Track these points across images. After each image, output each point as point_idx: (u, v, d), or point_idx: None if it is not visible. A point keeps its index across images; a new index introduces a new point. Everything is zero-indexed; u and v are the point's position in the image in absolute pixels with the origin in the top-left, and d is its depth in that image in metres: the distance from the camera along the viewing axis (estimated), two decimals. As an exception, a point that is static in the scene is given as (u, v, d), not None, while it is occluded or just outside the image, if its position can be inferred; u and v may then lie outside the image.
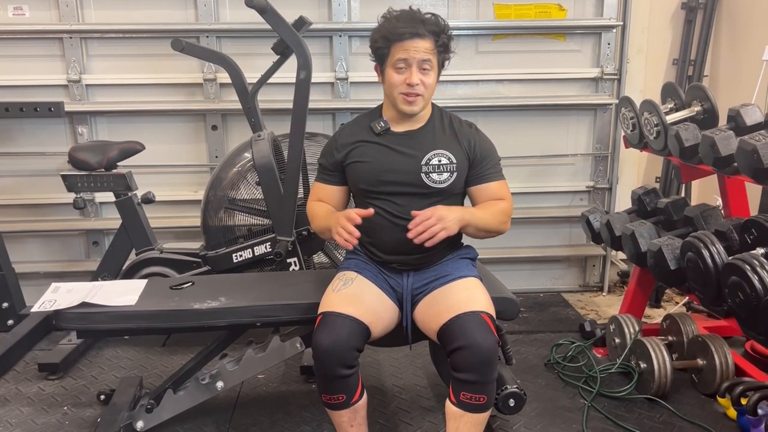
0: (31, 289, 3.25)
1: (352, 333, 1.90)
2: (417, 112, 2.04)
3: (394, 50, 1.98)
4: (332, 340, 1.87)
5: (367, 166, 2.08)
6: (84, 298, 2.15)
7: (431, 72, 2.00)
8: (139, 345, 3.10)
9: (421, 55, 1.96)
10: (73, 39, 3.38)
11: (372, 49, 2.05)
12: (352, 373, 1.92)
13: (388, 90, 2.04)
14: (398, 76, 1.99)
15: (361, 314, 1.95)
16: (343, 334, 1.88)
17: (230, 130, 3.56)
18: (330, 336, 1.88)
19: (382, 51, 2.01)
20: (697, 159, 2.62)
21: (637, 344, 2.65)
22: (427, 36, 1.97)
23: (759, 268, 2.05)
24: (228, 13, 3.45)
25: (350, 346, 1.89)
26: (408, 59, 1.96)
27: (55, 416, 2.52)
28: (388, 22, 2.01)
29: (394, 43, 1.97)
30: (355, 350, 1.91)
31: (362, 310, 1.96)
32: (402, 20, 1.98)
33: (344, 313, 1.93)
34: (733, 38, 3.68)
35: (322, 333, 1.90)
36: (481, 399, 1.88)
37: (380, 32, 2.01)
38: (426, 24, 1.98)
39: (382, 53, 2.01)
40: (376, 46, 2.03)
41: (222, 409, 2.55)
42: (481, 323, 1.88)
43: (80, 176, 2.94)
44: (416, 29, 1.95)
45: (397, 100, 2.02)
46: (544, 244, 3.83)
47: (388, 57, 2.00)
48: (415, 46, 1.95)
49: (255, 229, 3.00)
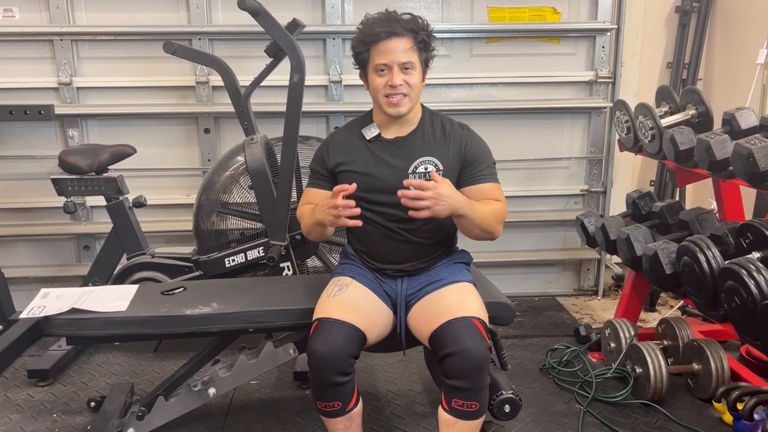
0: (21, 294, 3.21)
1: (348, 339, 1.88)
2: (404, 113, 2.02)
3: (373, 53, 1.97)
4: (328, 347, 1.85)
5: (357, 176, 2.05)
6: (74, 304, 2.12)
7: (414, 71, 1.98)
8: (131, 351, 3.07)
9: (400, 56, 1.95)
10: (64, 41, 3.35)
11: (354, 55, 2.05)
12: (347, 380, 1.90)
13: (373, 95, 2.03)
14: (380, 79, 1.97)
15: (357, 320, 1.93)
16: (339, 341, 1.86)
17: (223, 134, 3.54)
18: (326, 343, 1.86)
19: (362, 55, 2.00)
20: (692, 162, 2.62)
21: (633, 349, 2.64)
22: (405, 34, 1.95)
23: (755, 272, 2.04)
24: (221, 16, 3.43)
25: (346, 353, 1.87)
26: (388, 63, 1.95)
27: (44, 423, 2.49)
28: (364, 27, 2.00)
29: (372, 45, 1.97)
30: (351, 357, 1.89)
31: (358, 316, 1.94)
32: (378, 22, 1.98)
33: (340, 320, 1.91)
34: (727, 41, 3.68)
35: (317, 340, 1.88)
36: (473, 406, 1.86)
37: (359, 37, 2.01)
38: (402, 23, 1.97)
39: (362, 58, 2.01)
40: (356, 51, 2.02)
41: (214, 416, 2.52)
42: (473, 329, 1.86)
43: (71, 180, 2.91)
44: (392, 28, 1.95)
45: (383, 104, 2.00)
46: (539, 247, 3.82)
47: (369, 61, 1.99)
48: (393, 47, 1.94)
49: (248, 233, 2.98)
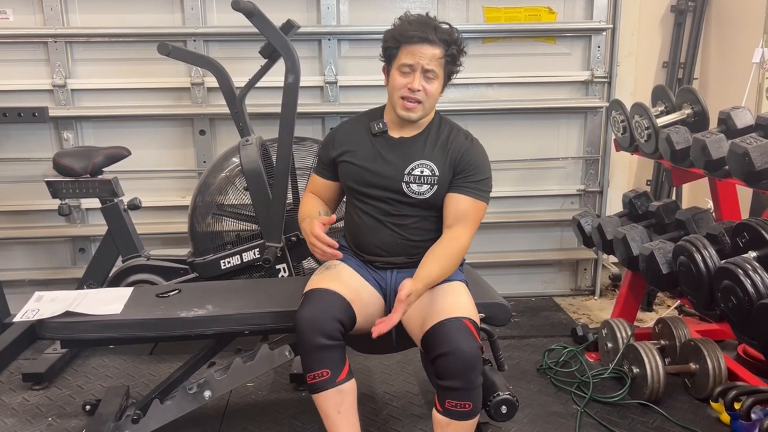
0: (16, 297, 3.20)
1: (332, 303, 1.92)
2: (414, 120, 2.03)
3: (401, 53, 1.98)
4: (312, 310, 1.90)
5: (355, 168, 2.08)
6: (68, 307, 2.11)
7: (435, 81, 1.99)
8: (126, 353, 3.06)
9: (426, 62, 1.95)
10: (58, 43, 3.34)
11: (383, 48, 2.05)
12: (334, 344, 1.89)
13: (390, 92, 2.04)
14: (402, 79, 1.98)
15: (342, 290, 1.97)
16: (323, 305, 1.91)
17: (218, 135, 3.53)
18: (310, 308, 1.91)
19: (391, 51, 2.01)
20: (688, 162, 2.62)
21: (630, 349, 2.63)
22: (437, 44, 1.96)
23: (751, 271, 2.04)
24: (215, 17, 3.42)
25: (330, 316, 1.89)
26: (413, 64, 1.96)
27: (39, 427, 2.47)
28: (401, 24, 2.01)
29: (403, 45, 1.97)
30: (336, 321, 1.89)
31: (342, 287, 1.98)
32: (415, 24, 1.98)
33: (324, 288, 1.96)
34: (723, 41, 3.68)
35: (303, 308, 1.92)
36: (466, 406, 1.86)
37: (392, 33, 2.01)
38: (438, 32, 1.97)
39: (390, 53, 2.01)
40: (386, 46, 2.03)
41: (210, 419, 2.51)
42: (464, 329, 1.86)
43: (65, 182, 2.89)
44: (427, 34, 1.95)
45: (397, 105, 2.01)
46: (535, 247, 3.81)
47: (395, 59, 2.00)
48: (422, 52, 1.95)
49: (243, 235, 2.97)
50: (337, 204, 2.26)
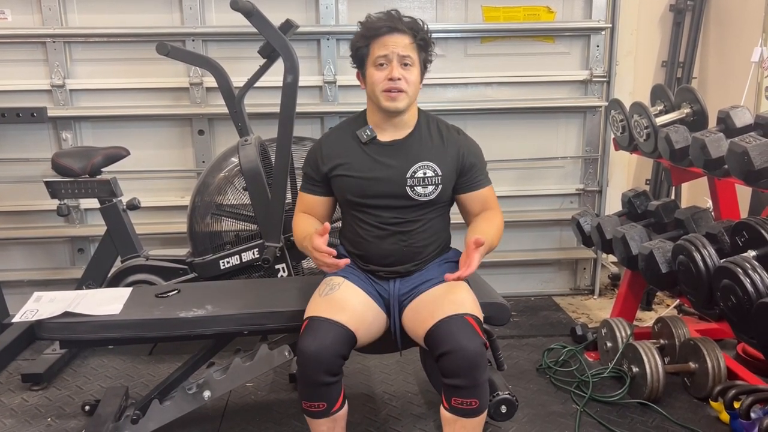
0: (15, 297, 3.20)
1: (338, 339, 1.88)
2: (401, 108, 2.01)
3: (373, 48, 1.98)
4: (317, 346, 1.85)
5: (353, 180, 2.05)
6: (67, 308, 2.11)
7: (413, 68, 1.99)
8: (125, 354, 3.05)
9: (400, 49, 1.96)
10: (57, 43, 3.33)
11: (352, 52, 2.05)
12: (335, 381, 1.89)
13: (370, 91, 2.02)
14: (379, 73, 1.98)
15: (347, 320, 1.92)
16: (329, 341, 1.86)
17: (217, 135, 3.52)
18: (315, 342, 1.85)
19: (362, 51, 2.01)
20: (687, 161, 2.61)
21: (629, 348, 2.63)
22: (406, 32, 1.98)
23: (751, 271, 2.04)
24: (214, 17, 3.42)
25: (336, 353, 1.86)
26: (388, 54, 1.96)
27: (38, 428, 2.47)
28: (366, 23, 2.03)
29: (373, 40, 1.98)
30: (341, 357, 1.88)
31: (348, 316, 1.93)
32: (379, 19, 2.01)
33: (330, 319, 1.90)
34: (722, 40, 3.68)
35: (307, 338, 1.87)
36: (472, 403, 1.85)
37: (359, 34, 2.03)
38: (403, 21, 2.00)
39: (362, 53, 2.02)
40: (356, 47, 2.03)
41: (210, 419, 2.51)
42: (467, 326, 1.86)
43: (64, 183, 2.89)
44: (394, 24, 1.98)
45: (380, 99, 1.99)
46: (535, 247, 3.81)
47: (368, 56, 2.00)
48: (394, 41, 1.97)
49: (242, 235, 2.97)
50: (330, 217, 2.20)
